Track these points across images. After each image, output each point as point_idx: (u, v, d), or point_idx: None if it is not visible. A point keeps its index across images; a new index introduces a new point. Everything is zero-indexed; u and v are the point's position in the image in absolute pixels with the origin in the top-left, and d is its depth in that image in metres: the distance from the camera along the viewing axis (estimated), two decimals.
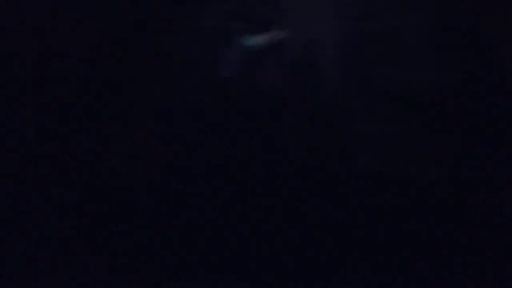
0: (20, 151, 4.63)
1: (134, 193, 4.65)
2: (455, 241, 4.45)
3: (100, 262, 4.45)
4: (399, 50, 5.02)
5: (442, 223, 4.48)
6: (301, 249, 4.55)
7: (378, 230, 4.53)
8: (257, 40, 5.00)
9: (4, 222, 4.53)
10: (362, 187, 4.62)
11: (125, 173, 4.71)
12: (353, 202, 4.65)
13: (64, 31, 4.82)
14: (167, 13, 5.06)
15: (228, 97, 4.83)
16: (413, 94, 4.83)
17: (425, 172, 4.69)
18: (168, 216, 4.64)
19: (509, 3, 4.69)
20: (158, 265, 4.48)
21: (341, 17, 5.09)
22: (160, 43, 5.04)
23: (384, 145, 4.80)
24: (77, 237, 4.50)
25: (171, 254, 4.51)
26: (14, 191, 4.60)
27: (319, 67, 5.10)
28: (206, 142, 4.85)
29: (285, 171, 4.77)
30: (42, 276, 4.41)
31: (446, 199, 4.57)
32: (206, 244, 4.56)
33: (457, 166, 4.66)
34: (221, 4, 5.15)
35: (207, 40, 5.08)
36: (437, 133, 4.72)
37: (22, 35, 4.71)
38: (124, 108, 4.83)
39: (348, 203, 4.65)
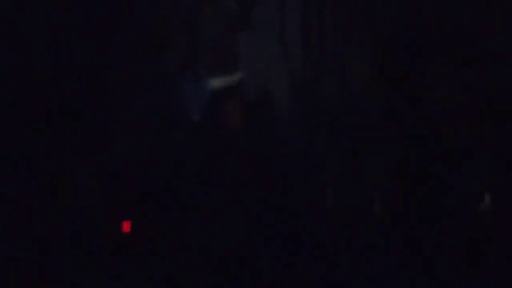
0: None
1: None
2: None
3: None
4: (349, 91, 5.35)
5: None
6: None
7: None
8: (215, 82, 5.20)
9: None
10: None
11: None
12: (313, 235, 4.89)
13: None
14: (129, 53, 5.23)
15: (193, 139, 5.02)
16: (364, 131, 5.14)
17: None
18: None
19: None
20: None
21: (293, 60, 5.39)
22: (123, 82, 5.19)
23: (340, 183, 5.07)
24: None
25: None
26: None
27: (275, 108, 5.36)
28: (172, 186, 5.00)
29: (246, 208, 4.98)
30: None
31: None
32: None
33: None
34: (181, 46, 5.35)
35: (169, 81, 5.26)
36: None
37: None
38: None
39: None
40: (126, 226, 4.82)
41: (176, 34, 5.35)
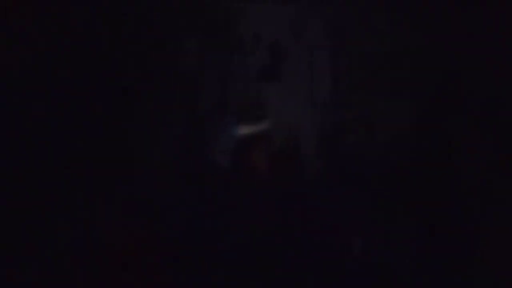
0: None
1: None
2: None
3: None
4: (377, 141, 5.44)
5: None
6: None
7: None
8: (244, 129, 5.28)
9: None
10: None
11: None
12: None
13: None
14: (160, 98, 5.36)
15: (221, 185, 5.03)
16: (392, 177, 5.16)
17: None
18: None
19: None
20: None
21: (319, 106, 5.51)
22: (154, 128, 5.28)
23: (368, 229, 5.04)
24: None
25: None
26: None
27: (302, 155, 5.42)
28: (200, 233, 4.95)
29: (270, 254, 4.91)
30: None
31: None
32: None
33: None
34: (213, 94, 5.49)
35: (199, 129, 5.35)
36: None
37: None
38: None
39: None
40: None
41: (209, 82, 5.50)
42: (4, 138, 4.78)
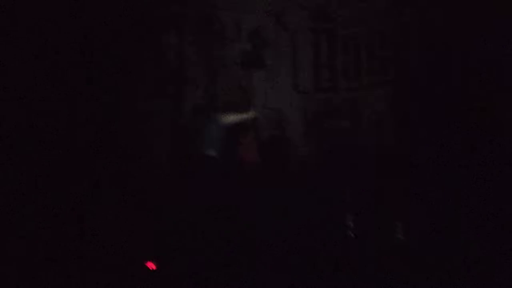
0: None
1: None
2: None
3: None
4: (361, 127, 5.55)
5: None
6: None
7: None
8: (230, 118, 5.29)
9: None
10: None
11: None
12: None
13: None
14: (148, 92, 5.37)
15: (212, 175, 5.06)
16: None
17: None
18: None
19: None
20: None
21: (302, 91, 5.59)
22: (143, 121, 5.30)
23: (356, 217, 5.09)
24: None
25: None
26: None
27: (290, 141, 5.48)
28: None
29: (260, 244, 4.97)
30: None
31: None
32: None
33: None
34: (198, 85, 5.50)
35: (188, 118, 5.36)
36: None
37: None
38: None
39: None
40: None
41: (193, 74, 5.50)
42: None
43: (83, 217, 4.84)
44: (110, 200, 4.99)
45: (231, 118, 5.29)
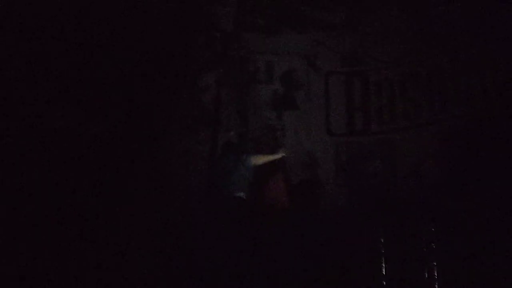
0: None
1: None
2: None
3: None
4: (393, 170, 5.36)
5: None
6: None
7: None
8: (259, 160, 5.26)
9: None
10: None
11: None
12: None
13: None
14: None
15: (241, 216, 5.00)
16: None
17: None
18: None
19: None
20: None
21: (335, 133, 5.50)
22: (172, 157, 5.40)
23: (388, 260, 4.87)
24: None
25: None
26: None
27: (321, 184, 5.35)
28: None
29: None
30: None
31: None
32: None
33: None
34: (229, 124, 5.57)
35: (218, 158, 5.40)
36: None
37: None
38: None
39: None
40: None
41: (225, 114, 5.59)
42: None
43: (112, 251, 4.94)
44: (139, 237, 5.07)
45: (261, 159, 5.28)
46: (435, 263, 4.70)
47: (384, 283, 4.85)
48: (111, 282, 4.67)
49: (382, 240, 4.95)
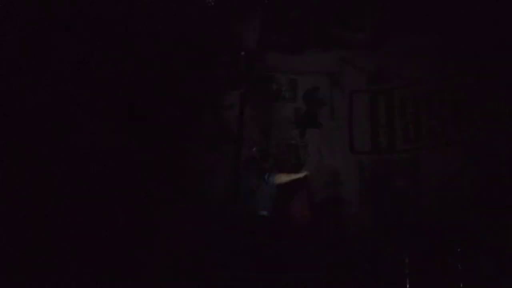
0: None
1: None
2: None
3: None
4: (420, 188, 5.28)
5: None
6: None
7: None
8: (282, 178, 5.25)
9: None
10: None
11: None
12: None
13: None
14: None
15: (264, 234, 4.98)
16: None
17: None
18: None
19: None
20: None
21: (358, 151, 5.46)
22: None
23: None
24: None
25: None
26: None
27: (345, 203, 5.30)
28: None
29: None
30: None
31: None
32: None
33: None
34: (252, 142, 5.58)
35: (241, 179, 5.40)
36: None
37: None
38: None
39: None
40: None
41: (248, 132, 5.60)
42: None
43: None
44: (160, 254, 5.08)
45: (284, 178, 5.27)
46: (461, 285, 4.60)
47: None
48: None
49: (407, 261, 4.88)
